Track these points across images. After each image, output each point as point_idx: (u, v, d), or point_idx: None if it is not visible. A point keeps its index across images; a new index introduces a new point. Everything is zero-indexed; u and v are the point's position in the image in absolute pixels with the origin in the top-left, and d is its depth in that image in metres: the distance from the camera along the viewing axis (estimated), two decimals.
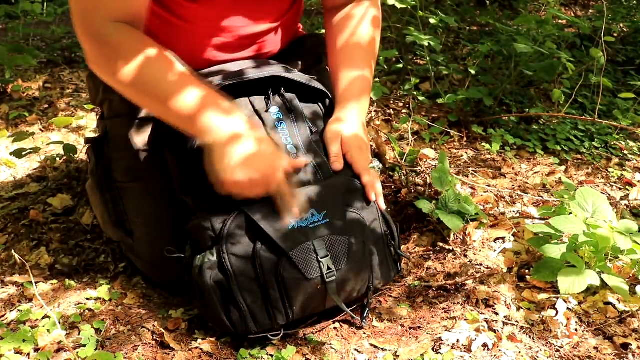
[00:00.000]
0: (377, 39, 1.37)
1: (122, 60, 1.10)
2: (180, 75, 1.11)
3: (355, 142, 1.21)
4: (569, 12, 3.90)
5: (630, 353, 1.11)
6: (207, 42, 1.28)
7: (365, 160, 1.21)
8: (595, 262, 1.28)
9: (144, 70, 1.10)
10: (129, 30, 1.12)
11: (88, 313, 1.20)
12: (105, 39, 1.10)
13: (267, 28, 1.32)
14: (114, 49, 1.11)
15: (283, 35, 1.40)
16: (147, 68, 1.10)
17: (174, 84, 1.09)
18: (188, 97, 1.08)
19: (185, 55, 1.21)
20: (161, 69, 1.11)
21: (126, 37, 1.11)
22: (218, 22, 1.26)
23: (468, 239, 1.46)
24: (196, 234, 1.14)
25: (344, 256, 1.11)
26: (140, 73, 1.10)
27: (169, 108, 1.10)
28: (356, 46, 1.33)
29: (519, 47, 2.06)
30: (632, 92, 2.30)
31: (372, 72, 1.34)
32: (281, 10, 1.33)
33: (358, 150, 1.21)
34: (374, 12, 1.36)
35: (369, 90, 1.33)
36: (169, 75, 1.10)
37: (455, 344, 1.12)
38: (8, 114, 2.16)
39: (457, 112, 2.18)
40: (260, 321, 1.10)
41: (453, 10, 3.21)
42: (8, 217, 1.57)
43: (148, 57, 1.11)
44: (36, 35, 3.15)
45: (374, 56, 1.37)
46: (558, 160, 2.02)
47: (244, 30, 1.29)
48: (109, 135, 1.35)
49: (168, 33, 1.26)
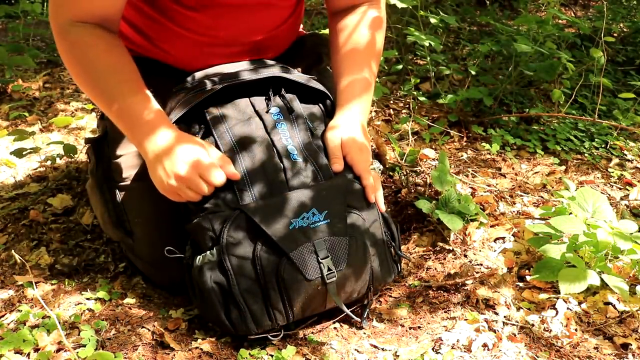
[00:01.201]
0: (381, 43, 1.37)
1: (82, 58, 1.16)
2: (129, 82, 1.16)
3: (356, 143, 1.21)
4: (569, 12, 3.90)
5: (630, 353, 1.12)
6: (205, 48, 1.28)
7: (365, 162, 1.21)
8: (595, 262, 1.28)
9: (95, 72, 1.15)
10: (93, 31, 1.15)
11: (88, 313, 1.20)
12: (69, 36, 1.15)
13: (267, 36, 1.32)
14: (75, 47, 1.16)
15: (283, 41, 1.40)
16: (98, 70, 1.15)
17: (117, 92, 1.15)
18: (127, 108, 1.14)
19: (182, 58, 1.21)
20: (110, 73, 1.15)
21: (88, 37, 1.15)
22: (217, 30, 1.26)
23: (468, 239, 1.46)
24: (196, 234, 1.14)
25: (344, 257, 1.11)
26: (92, 74, 1.16)
27: (111, 112, 1.16)
28: (359, 49, 1.33)
29: (519, 47, 2.06)
30: (632, 92, 2.30)
31: (374, 75, 1.34)
32: (282, 18, 1.33)
33: (358, 152, 1.21)
34: (377, 16, 1.36)
35: (371, 93, 1.33)
36: (113, 83, 1.15)
37: (455, 344, 1.12)
38: (8, 114, 2.16)
39: (457, 112, 2.18)
40: (260, 321, 1.10)
41: (453, 10, 3.21)
42: (8, 217, 1.57)
43: (103, 58, 1.15)
44: (36, 35, 3.15)
45: (377, 59, 1.37)
46: (558, 160, 2.02)
47: (243, 38, 1.29)
48: (109, 135, 1.35)
49: (165, 38, 1.26)
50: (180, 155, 1.10)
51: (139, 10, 1.27)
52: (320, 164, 1.19)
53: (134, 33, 1.31)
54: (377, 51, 1.36)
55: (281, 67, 1.29)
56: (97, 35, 1.15)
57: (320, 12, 3.45)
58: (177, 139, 1.12)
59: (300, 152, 1.19)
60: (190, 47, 1.28)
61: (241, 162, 1.16)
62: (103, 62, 1.15)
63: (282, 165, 1.17)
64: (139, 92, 1.15)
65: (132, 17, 1.29)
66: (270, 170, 1.16)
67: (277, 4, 1.30)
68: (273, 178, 1.15)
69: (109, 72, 1.15)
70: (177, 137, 1.12)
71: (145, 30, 1.22)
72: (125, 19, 1.30)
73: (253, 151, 1.17)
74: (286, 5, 1.32)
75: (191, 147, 1.11)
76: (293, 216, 1.10)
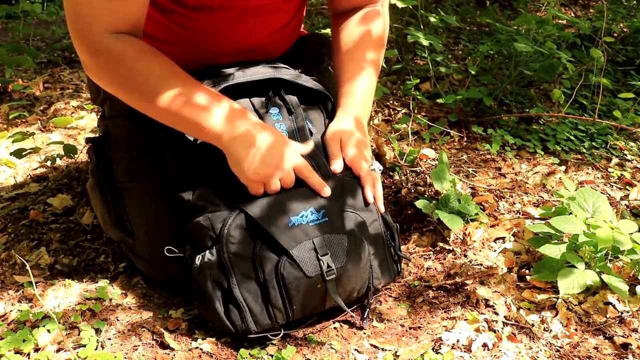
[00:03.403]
0: (383, 44, 1.38)
1: (126, 70, 1.10)
2: (185, 81, 1.12)
3: (356, 143, 1.21)
4: (569, 12, 3.90)
5: (630, 353, 1.12)
6: (209, 50, 1.28)
7: (365, 162, 1.21)
8: (595, 262, 1.28)
9: (150, 80, 1.10)
10: (129, 40, 1.11)
11: (88, 313, 1.20)
12: (106, 50, 1.09)
13: (269, 38, 1.32)
14: (116, 60, 1.10)
15: (285, 42, 1.40)
16: (153, 77, 1.10)
17: (181, 91, 1.10)
18: (195, 103, 1.10)
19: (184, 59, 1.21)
20: (165, 77, 1.11)
21: (128, 47, 1.10)
22: (220, 32, 1.26)
23: (468, 239, 1.46)
24: (196, 234, 1.15)
25: (343, 254, 1.12)
26: (146, 82, 1.10)
27: (176, 115, 1.11)
28: (361, 50, 1.33)
29: (519, 47, 2.06)
30: (632, 92, 2.30)
31: (376, 75, 1.34)
32: (284, 21, 1.33)
33: (358, 152, 1.21)
34: (380, 18, 1.36)
35: (372, 93, 1.34)
36: (174, 82, 1.10)
37: (455, 344, 1.12)
38: (8, 114, 2.16)
39: (457, 112, 2.18)
40: (260, 321, 1.10)
41: (453, 10, 3.21)
42: (8, 217, 1.57)
43: (152, 65, 1.11)
44: (36, 35, 3.15)
45: (379, 60, 1.37)
46: (558, 160, 2.02)
47: (245, 41, 1.29)
48: (110, 135, 1.35)
49: (166, 38, 1.26)
50: (280, 149, 1.11)
51: None
52: (319, 164, 1.19)
53: None
54: (379, 52, 1.36)
55: (281, 68, 1.29)
56: (138, 44, 1.12)
57: (320, 12, 3.45)
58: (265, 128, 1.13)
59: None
60: (192, 48, 1.27)
61: None
62: (156, 67, 1.11)
63: None
64: (200, 86, 1.13)
65: None
66: None
67: (281, 7, 1.30)
68: None
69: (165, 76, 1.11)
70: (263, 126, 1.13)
71: (146, 30, 1.22)
72: None
73: None
74: (289, 9, 1.32)
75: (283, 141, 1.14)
76: (292, 214, 1.11)
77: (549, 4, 3.20)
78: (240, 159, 1.10)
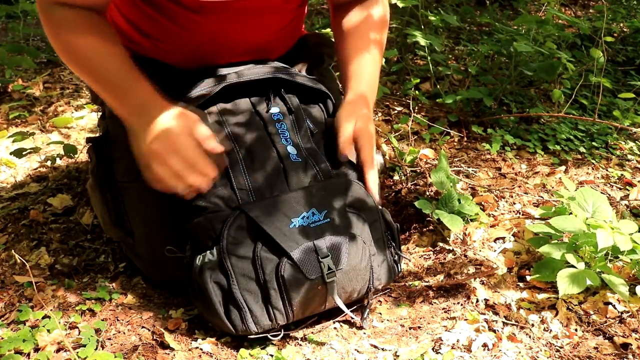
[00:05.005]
0: (386, 24, 1.39)
1: (65, 35, 1.16)
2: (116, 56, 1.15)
3: (365, 129, 1.22)
4: (569, 12, 3.89)
5: (630, 353, 1.12)
6: (209, 50, 1.28)
7: (371, 149, 1.22)
8: (595, 262, 1.28)
9: (82, 49, 1.15)
10: (74, 11, 1.15)
11: (88, 313, 1.20)
12: (50, 14, 1.15)
13: (269, 38, 1.32)
14: (57, 25, 1.16)
15: (286, 42, 1.40)
16: (85, 47, 1.15)
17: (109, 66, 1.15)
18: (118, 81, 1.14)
19: (183, 59, 1.21)
20: (97, 49, 1.15)
21: (68, 16, 1.15)
22: (220, 33, 1.25)
23: (468, 239, 1.46)
24: (197, 234, 1.15)
25: (344, 256, 1.11)
26: (78, 50, 1.16)
27: (101, 87, 1.17)
28: (363, 31, 1.34)
29: (519, 47, 2.06)
30: (632, 92, 2.29)
31: (380, 55, 1.36)
32: (285, 21, 1.33)
33: (368, 138, 1.22)
34: (380, 9, 1.38)
35: (377, 73, 1.35)
36: (105, 57, 1.15)
37: (455, 344, 1.12)
38: (8, 114, 2.16)
39: (457, 112, 2.18)
40: (260, 321, 1.10)
41: (453, 10, 3.21)
42: (8, 217, 1.57)
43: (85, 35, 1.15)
44: (36, 35, 3.15)
45: (382, 40, 1.39)
46: (558, 160, 2.01)
47: (245, 41, 1.29)
48: (110, 135, 1.35)
49: (166, 38, 1.26)
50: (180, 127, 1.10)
51: (140, 9, 1.26)
52: (320, 165, 1.19)
53: (134, 32, 1.31)
54: (382, 33, 1.38)
55: (282, 68, 1.29)
56: (83, 15, 1.16)
57: (320, 12, 3.45)
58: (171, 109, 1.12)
59: (300, 152, 1.19)
60: (192, 48, 1.27)
61: (241, 161, 1.16)
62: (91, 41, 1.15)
63: (282, 165, 1.17)
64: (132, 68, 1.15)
65: (132, 16, 1.29)
66: (270, 170, 1.16)
67: (281, 8, 1.30)
68: (273, 178, 1.15)
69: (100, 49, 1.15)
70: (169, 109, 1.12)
71: (146, 30, 1.22)
72: (126, 17, 1.30)
73: (253, 151, 1.17)
74: (290, 9, 1.32)
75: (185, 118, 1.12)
76: (293, 216, 1.11)
77: (549, 4, 3.20)
78: (138, 135, 1.12)
